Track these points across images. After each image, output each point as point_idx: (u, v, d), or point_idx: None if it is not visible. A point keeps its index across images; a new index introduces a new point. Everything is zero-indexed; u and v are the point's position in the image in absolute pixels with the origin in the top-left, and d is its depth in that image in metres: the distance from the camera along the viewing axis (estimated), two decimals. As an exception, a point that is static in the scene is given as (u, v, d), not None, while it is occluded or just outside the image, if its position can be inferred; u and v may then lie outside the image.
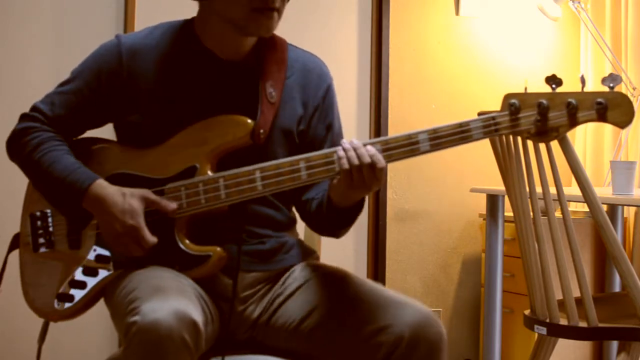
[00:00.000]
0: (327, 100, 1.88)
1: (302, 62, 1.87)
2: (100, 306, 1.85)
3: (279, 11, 1.73)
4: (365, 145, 1.63)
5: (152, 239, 1.69)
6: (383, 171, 1.61)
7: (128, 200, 1.69)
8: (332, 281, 1.76)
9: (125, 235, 1.68)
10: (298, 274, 1.81)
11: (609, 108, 1.50)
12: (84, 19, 3.16)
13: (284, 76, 1.82)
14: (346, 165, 1.61)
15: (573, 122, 1.53)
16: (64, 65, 3.08)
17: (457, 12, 3.71)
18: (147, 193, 1.71)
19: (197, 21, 1.82)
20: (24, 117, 1.82)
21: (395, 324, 1.61)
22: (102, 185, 1.71)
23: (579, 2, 3.55)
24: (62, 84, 1.83)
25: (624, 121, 1.50)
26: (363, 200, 1.73)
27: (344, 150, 1.62)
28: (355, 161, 1.60)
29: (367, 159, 1.60)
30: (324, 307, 1.71)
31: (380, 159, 1.61)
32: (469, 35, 3.74)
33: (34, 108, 1.82)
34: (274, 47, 1.83)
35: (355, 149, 1.61)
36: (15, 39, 3.08)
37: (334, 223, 1.77)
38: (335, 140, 1.86)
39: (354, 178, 1.61)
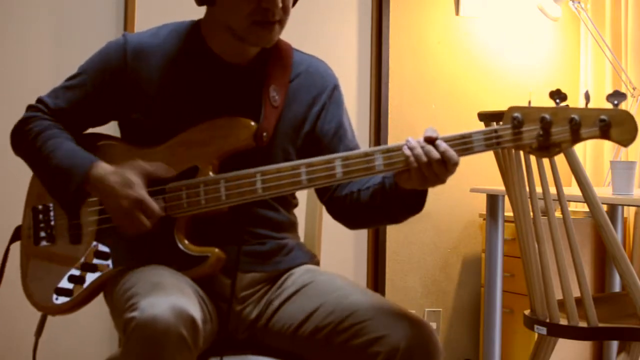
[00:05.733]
0: (334, 99, 1.87)
1: (306, 65, 1.87)
2: (100, 306, 1.85)
3: (281, 23, 1.74)
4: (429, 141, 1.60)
5: (158, 208, 1.69)
6: (456, 166, 1.58)
7: (127, 175, 1.70)
8: (331, 288, 1.76)
9: (131, 209, 1.68)
10: (297, 277, 1.81)
11: (612, 125, 1.49)
12: (84, 19, 3.16)
13: (288, 80, 1.83)
14: (414, 164, 1.58)
15: (576, 138, 1.52)
16: (64, 65, 3.11)
17: (457, 12, 3.71)
18: (142, 166, 1.71)
19: (203, 23, 1.82)
20: (28, 108, 1.85)
21: (391, 334, 1.61)
22: (101, 166, 1.72)
23: (579, 2, 3.55)
24: (68, 79, 1.85)
25: (626, 139, 1.49)
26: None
27: (410, 148, 1.59)
28: (424, 158, 1.57)
29: (437, 155, 1.57)
30: (321, 313, 1.71)
31: (452, 155, 1.57)
32: (469, 35, 3.74)
33: (39, 100, 1.85)
34: (278, 52, 1.84)
35: (422, 146, 1.58)
36: (15, 39, 3.09)
37: (401, 207, 1.72)
38: (349, 138, 1.86)
39: (426, 174, 1.58)
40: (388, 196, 1.71)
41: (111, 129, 1.88)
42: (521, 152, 2.24)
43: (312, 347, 1.71)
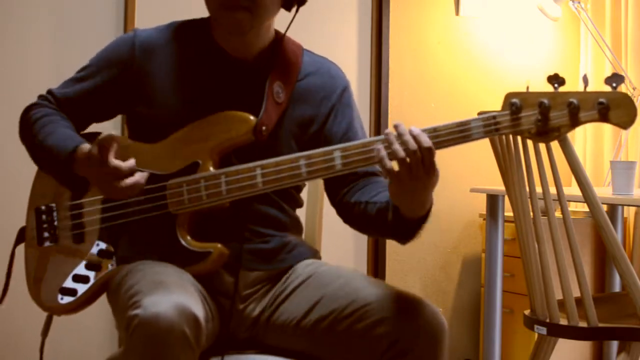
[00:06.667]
0: (344, 100, 1.87)
1: (317, 66, 1.88)
2: (103, 306, 1.85)
3: (250, 10, 1.72)
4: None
5: (122, 163, 1.62)
6: (431, 151, 1.53)
7: (92, 149, 1.65)
8: (332, 277, 1.76)
9: (107, 178, 1.64)
10: (300, 271, 1.82)
11: (611, 108, 1.49)
12: (84, 19, 3.16)
13: (295, 79, 1.83)
14: (388, 165, 1.55)
15: (575, 122, 1.52)
16: (64, 65, 3.11)
17: (457, 12, 3.71)
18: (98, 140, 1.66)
19: (211, 18, 1.83)
20: (37, 98, 1.86)
21: (395, 315, 1.61)
22: (85, 147, 1.70)
23: (579, 2, 3.55)
24: (78, 71, 1.87)
25: (626, 121, 1.49)
26: (430, 210, 1.68)
27: (381, 148, 1.56)
28: (401, 153, 1.54)
29: (413, 146, 1.53)
30: (324, 303, 1.71)
31: (425, 139, 1.53)
32: (469, 35, 3.74)
33: (48, 91, 1.86)
34: (286, 49, 1.84)
35: (401, 135, 1.54)
36: (15, 39, 3.09)
37: (402, 232, 1.71)
38: (360, 139, 1.85)
39: (403, 172, 1.55)
40: (390, 218, 1.70)
41: (112, 127, 1.88)
42: (521, 152, 2.24)
43: (315, 338, 1.71)
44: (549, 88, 1.57)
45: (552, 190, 2.21)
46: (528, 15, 3.76)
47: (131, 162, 1.65)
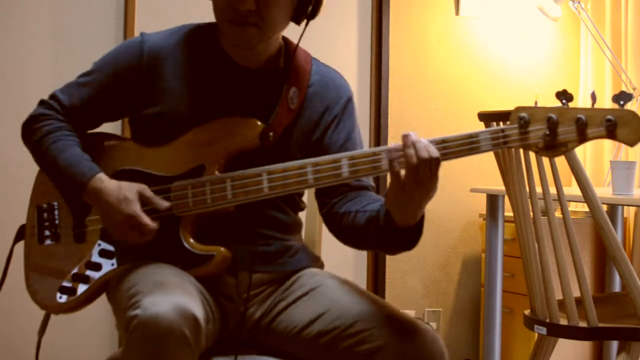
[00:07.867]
0: (347, 111, 1.87)
1: (322, 74, 1.87)
2: (101, 306, 1.85)
3: (259, 27, 1.71)
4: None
5: (151, 223, 1.69)
6: (437, 162, 1.54)
7: (123, 191, 1.70)
8: (338, 293, 1.75)
9: (124, 223, 1.68)
10: (305, 280, 1.81)
11: (618, 125, 1.49)
12: (84, 19, 3.16)
13: (307, 85, 1.83)
14: (397, 167, 1.55)
15: (582, 138, 1.52)
16: (64, 66, 3.11)
17: (457, 12, 3.71)
18: (144, 189, 1.72)
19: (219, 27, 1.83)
20: (41, 103, 1.85)
21: (398, 343, 1.61)
22: (101, 179, 1.73)
23: (579, 2, 3.55)
24: (82, 75, 1.85)
25: (632, 139, 1.49)
26: (422, 220, 1.66)
27: (394, 150, 1.56)
28: (414, 159, 1.54)
29: (426, 154, 1.54)
30: (327, 318, 1.70)
31: (433, 150, 1.54)
32: (469, 35, 3.74)
33: (53, 96, 1.84)
34: (298, 57, 1.84)
35: (414, 143, 1.54)
36: (15, 39, 3.09)
37: (390, 242, 1.69)
38: (359, 149, 1.85)
39: (410, 178, 1.55)
40: (381, 226, 1.69)
41: (111, 128, 1.88)
42: (521, 152, 2.24)
43: (314, 351, 1.71)
44: (550, 87, 1.57)
45: (552, 190, 2.21)
46: (528, 15, 3.76)
47: (155, 226, 1.70)
